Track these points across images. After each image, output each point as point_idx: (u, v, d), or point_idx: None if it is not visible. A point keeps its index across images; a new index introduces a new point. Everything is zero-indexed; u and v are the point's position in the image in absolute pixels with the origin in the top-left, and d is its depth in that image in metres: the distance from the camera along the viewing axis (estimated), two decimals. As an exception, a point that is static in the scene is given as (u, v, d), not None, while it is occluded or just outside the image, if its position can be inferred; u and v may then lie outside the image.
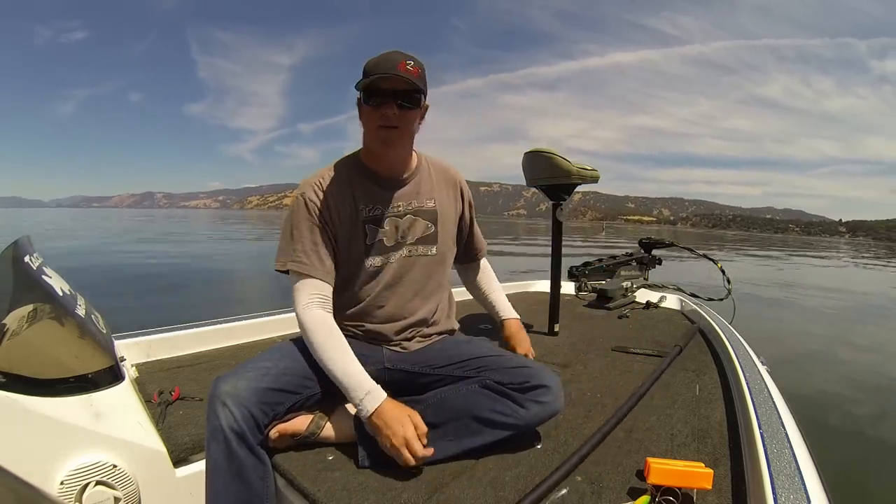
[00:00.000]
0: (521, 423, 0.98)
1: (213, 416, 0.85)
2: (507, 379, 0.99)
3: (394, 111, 0.98)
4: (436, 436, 0.95)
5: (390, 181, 1.11)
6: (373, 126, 1.01)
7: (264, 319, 1.80)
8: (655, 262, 3.08)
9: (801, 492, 0.72)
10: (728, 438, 1.06)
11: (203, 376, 1.35)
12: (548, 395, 0.98)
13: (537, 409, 0.97)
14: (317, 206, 1.05)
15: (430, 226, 1.13)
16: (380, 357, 1.11)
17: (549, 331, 1.93)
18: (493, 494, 0.85)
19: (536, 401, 0.97)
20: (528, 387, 0.98)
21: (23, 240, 1.14)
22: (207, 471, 0.86)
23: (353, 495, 0.84)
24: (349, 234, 1.07)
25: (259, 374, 0.93)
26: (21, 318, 0.88)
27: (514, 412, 0.97)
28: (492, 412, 0.96)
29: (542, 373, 1.01)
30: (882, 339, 5.73)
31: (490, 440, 0.97)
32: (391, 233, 1.09)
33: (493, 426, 0.97)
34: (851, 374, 4.07)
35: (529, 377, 0.99)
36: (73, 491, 0.81)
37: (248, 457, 0.85)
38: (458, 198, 1.21)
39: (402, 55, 0.98)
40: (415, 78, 0.97)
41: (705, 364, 1.59)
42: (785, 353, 4.50)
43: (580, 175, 1.81)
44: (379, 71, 0.96)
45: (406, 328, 1.13)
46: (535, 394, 0.98)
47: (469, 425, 0.97)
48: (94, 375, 0.93)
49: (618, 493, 0.85)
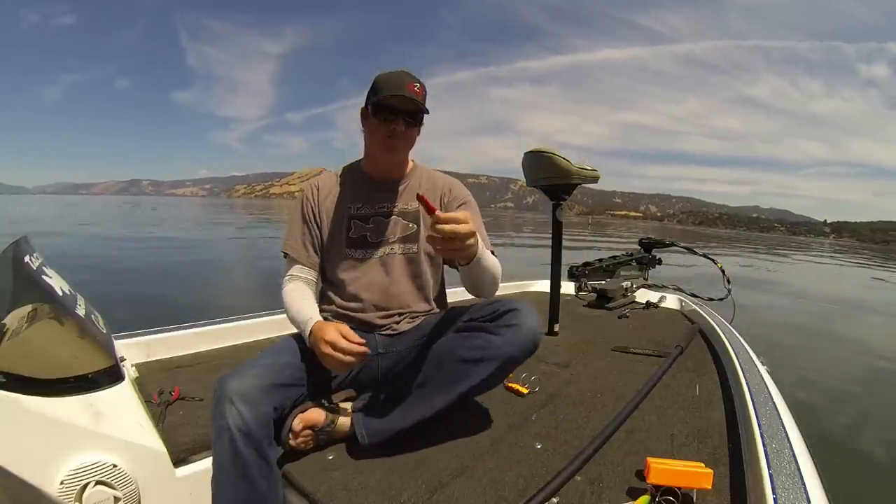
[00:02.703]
0: (500, 352, 0.97)
1: (218, 416, 0.85)
2: (477, 315, 1.04)
3: (401, 127, 1.10)
4: (427, 392, 0.99)
5: (381, 184, 1.21)
6: (379, 137, 1.13)
7: (263, 319, 1.80)
8: (655, 262, 3.08)
9: (801, 492, 0.72)
10: (728, 438, 1.06)
11: (203, 376, 1.35)
12: (517, 317, 0.98)
13: (510, 333, 0.97)
14: (311, 202, 1.20)
15: (412, 225, 1.20)
16: (373, 344, 1.13)
17: (549, 331, 1.93)
18: (493, 494, 0.85)
19: (507, 324, 0.98)
20: (497, 315, 1.00)
21: (23, 240, 1.14)
22: (213, 471, 0.85)
23: (353, 495, 0.84)
24: (336, 228, 1.19)
25: (264, 371, 0.94)
26: (21, 317, 0.88)
27: (489, 342, 0.97)
28: (469, 349, 0.98)
29: (510, 302, 1.02)
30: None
31: (477, 380, 0.97)
32: (375, 230, 1.18)
33: (474, 363, 0.97)
34: (850, 372, 4.08)
35: (497, 307, 1.01)
36: (73, 491, 0.80)
37: (254, 456, 0.85)
38: (439, 201, 1.23)
39: (410, 76, 1.09)
40: (420, 99, 1.09)
41: (705, 364, 1.60)
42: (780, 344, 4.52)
43: (580, 175, 1.81)
44: (390, 89, 1.07)
45: (392, 315, 1.18)
46: (504, 319, 0.99)
47: (452, 371, 0.98)
48: (94, 375, 0.93)
49: (618, 493, 0.85)
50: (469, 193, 1.27)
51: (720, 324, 1.97)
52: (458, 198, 1.23)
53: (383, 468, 0.93)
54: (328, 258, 1.19)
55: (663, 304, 2.63)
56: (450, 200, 1.23)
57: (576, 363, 1.58)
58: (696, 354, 1.70)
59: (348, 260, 1.17)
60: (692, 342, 1.82)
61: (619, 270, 2.81)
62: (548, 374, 1.44)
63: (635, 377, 1.43)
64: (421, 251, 1.19)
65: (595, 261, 2.82)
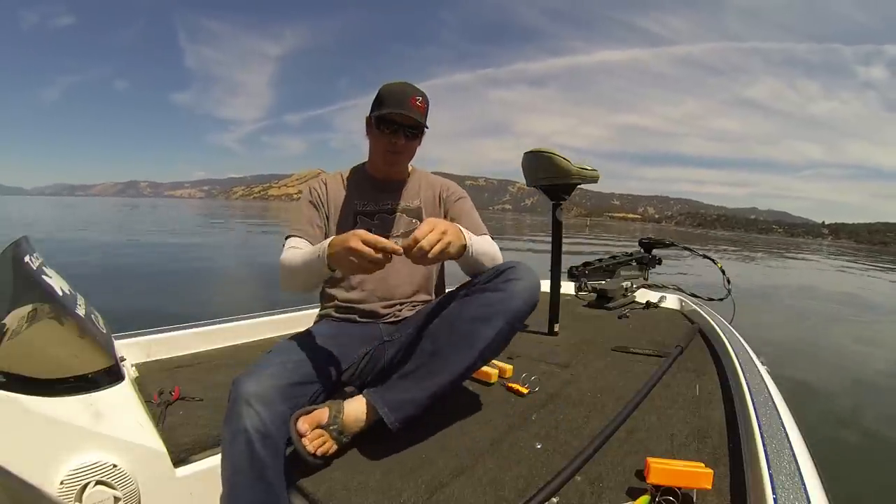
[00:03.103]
0: (504, 306, 0.99)
1: (235, 418, 0.84)
2: (476, 280, 1.06)
3: (402, 141, 1.18)
4: (442, 357, 0.99)
5: (385, 184, 1.30)
6: (381, 148, 1.21)
7: (264, 319, 1.80)
8: (655, 261, 3.08)
9: (801, 492, 0.72)
10: (728, 438, 1.06)
11: (203, 376, 1.35)
12: (515, 272, 1.02)
13: (510, 286, 1.00)
14: (318, 192, 1.26)
15: (414, 221, 1.28)
16: (378, 333, 1.20)
17: (549, 331, 1.93)
18: (493, 494, 0.85)
19: (507, 279, 1.01)
20: (495, 274, 1.03)
21: (23, 240, 1.14)
22: (226, 472, 0.84)
23: (353, 495, 0.84)
24: (342, 222, 1.24)
25: (278, 371, 0.94)
26: (21, 317, 0.88)
27: (492, 299, 1.00)
28: (477, 308, 1.00)
29: (507, 262, 1.07)
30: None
31: (489, 338, 0.98)
32: (380, 226, 1.25)
33: (482, 321, 0.98)
34: (850, 372, 4.08)
35: (496, 270, 1.04)
36: (73, 491, 0.80)
37: (271, 457, 0.84)
38: (437, 198, 1.33)
39: (413, 90, 1.15)
40: (421, 115, 1.16)
41: (705, 364, 1.59)
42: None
43: (580, 175, 1.81)
44: (392, 103, 1.13)
45: (394, 304, 1.24)
46: (503, 276, 1.02)
47: (463, 331, 0.99)
48: (94, 375, 0.93)
49: (618, 493, 0.85)
50: (463, 191, 1.37)
51: (720, 324, 1.97)
52: (455, 193, 1.34)
53: (383, 468, 0.93)
54: None
55: (663, 304, 2.63)
56: (447, 196, 1.33)
57: (576, 363, 1.58)
58: (696, 354, 1.70)
59: None
60: (692, 342, 1.82)
61: (619, 270, 2.81)
62: (548, 374, 1.44)
63: (635, 377, 1.43)
64: None
65: (595, 261, 2.82)
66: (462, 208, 1.32)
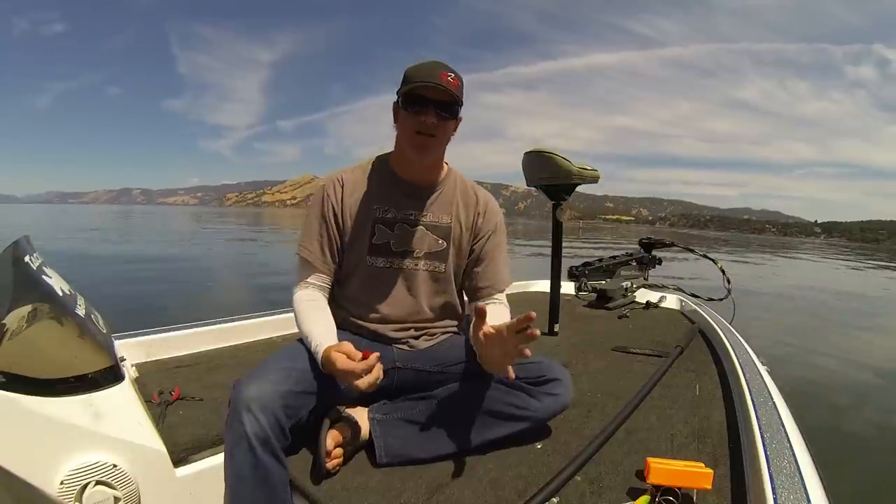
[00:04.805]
0: (535, 416, 1.01)
1: (237, 423, 0.83)
2: (522, 374, 1.00)
3: (432, 119, 0.99)
4: (452, 432, 0.99)
5: (411, 187, 1.11)
6: (409, 131, 1.02)
7: (264, 319, 1.80)
8: (655, 262, 3.08)
9: (801, 492, 0.72)
10: (728, 438, 1.06)
11: (203, 376, 1.35)
12: (559, 387, 1.03)
13: (550, 401, 1.02)
14: (332, 199, 1.08)
15: (441, 242, 1.11)
16: (390, 356, 1.08)
17: (549, 331, 1.93)
18: (493, 494, 0.85)
19: (549, 393, 1.02)
20: (542, 380, 1.03)
21: (22, 240, 1.14)
22: (229, 478, 0.84)
23: (353, 495, 0.84)
24: (358, 231, 1.09)
25: (281, 378, 0.91)
26: (21, 318, 0.87)
27: (528, 405, 1.01)
28: (507, 405, 1.01)
29: (553, 366, 1.07)
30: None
31: (504, 433, 1.00)
32: (400, 238, 1.09)
33: (508, 419, 1.00)
34: (850, 372, 4.08)
35: (543, 371, 1.04)
36: (73, 491, 0.80)
37: (273, 463, 0.83)
38: (472, 222, 1.14)
39: (444, 66, 0.99)
40: (455, 90, 0.98)
41: (705, 364, 1.59)
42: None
43: (580, 175, 1.81)
44: (421, 78, 0.97)
45: (409, 329, 1.13)
46: (548, 387, 1.02)
47: (483, 421, 1.00)
48: (94, 375, 0.93)
49: (618, 493, 0.85)
50: (500, 214, 1.20)
51: (720, 324, 1.97)
52: (491, 222, 1.16)
53: (383, 468, 0.93)
54: (346, 262, 1.11)
55: (663, 304, 2.63)
56: (483, 223, 1.15)
57: (576, 363, 1.58)
58: (696, 354, 1.70)
59: (368, 268, 1.09)
60: (692, 342, 1.82)
61: (619, 270, 2.82)
62: None
63: (635, 377, 1.43)
64: (449, 272, 1.13)
65: (595, 261, 2.83)
66: (492, 252, 1.15)
